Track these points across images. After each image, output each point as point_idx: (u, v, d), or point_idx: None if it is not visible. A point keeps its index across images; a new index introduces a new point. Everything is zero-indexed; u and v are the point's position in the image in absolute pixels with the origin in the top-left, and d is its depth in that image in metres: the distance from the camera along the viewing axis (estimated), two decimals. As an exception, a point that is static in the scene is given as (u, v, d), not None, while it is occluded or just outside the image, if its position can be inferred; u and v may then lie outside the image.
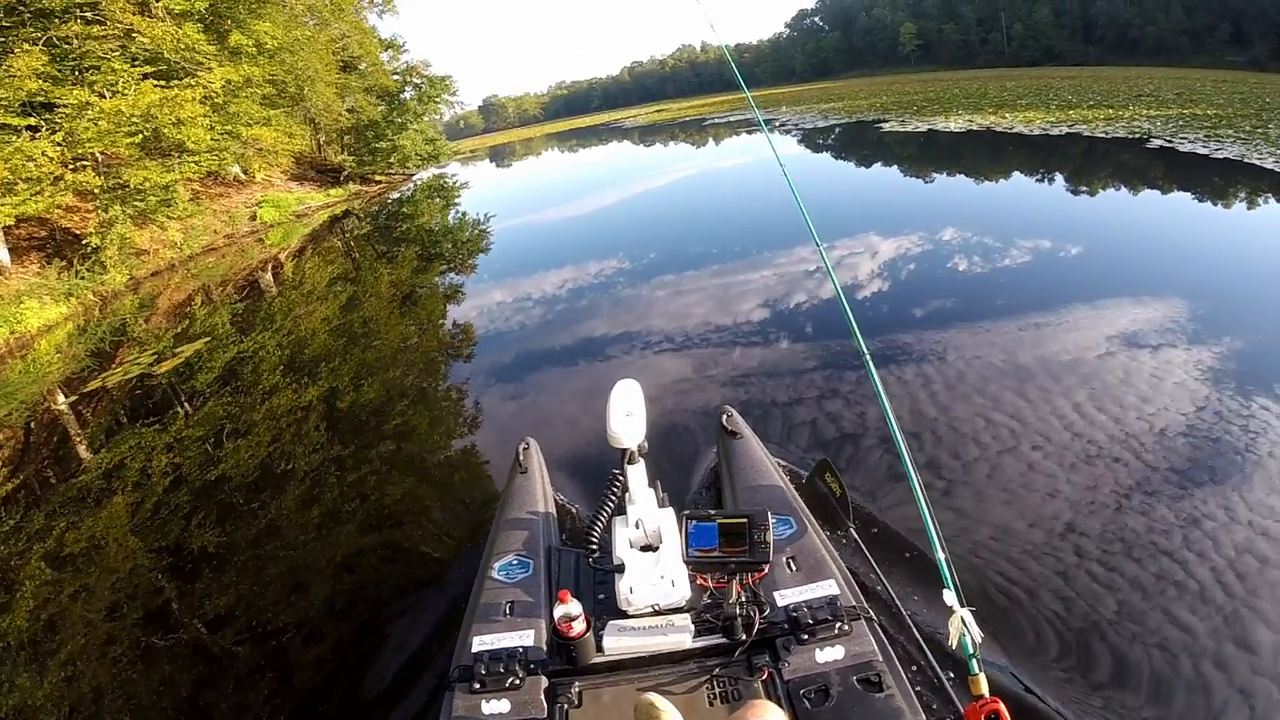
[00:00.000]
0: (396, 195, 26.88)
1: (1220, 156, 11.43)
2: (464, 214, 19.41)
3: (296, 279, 12.89)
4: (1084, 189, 11.04)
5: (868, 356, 2.52)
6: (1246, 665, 2.54)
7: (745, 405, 4.77)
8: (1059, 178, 12.00)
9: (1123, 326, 5.36)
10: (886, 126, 22.27)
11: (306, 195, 24.72)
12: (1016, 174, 12.77)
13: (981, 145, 16.83)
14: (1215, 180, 10.36)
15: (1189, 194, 9.91)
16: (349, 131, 30.66)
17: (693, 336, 6.55)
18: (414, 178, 32.14)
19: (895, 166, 15.86)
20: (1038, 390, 4.53)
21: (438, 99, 33.60)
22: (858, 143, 21.57)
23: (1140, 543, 3.14)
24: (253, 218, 20.67)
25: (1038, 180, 12.07)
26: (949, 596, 1.69)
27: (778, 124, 28.74)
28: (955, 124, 20.18)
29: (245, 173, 21.22)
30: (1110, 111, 18.78)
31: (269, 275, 13.94)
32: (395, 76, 31.75)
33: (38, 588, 4.17)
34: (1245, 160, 11.00)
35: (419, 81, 32.89)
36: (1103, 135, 14.89)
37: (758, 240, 10.10)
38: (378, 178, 30.75)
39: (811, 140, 23.15)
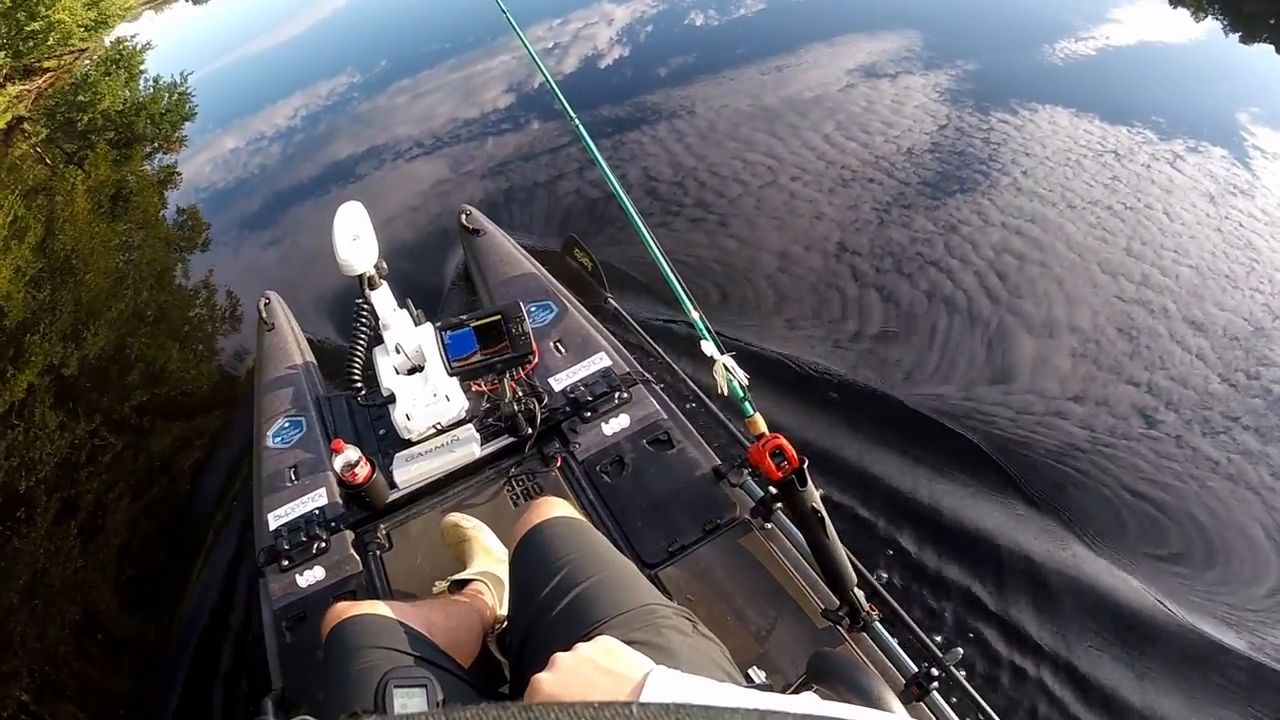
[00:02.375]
0: (73, 81, 20.69)
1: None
2: (156, 79, 15.37)
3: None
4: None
5: (576, 121, 2.37)
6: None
7: (486, 199, 4.39)
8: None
9: (861, 60, 5.22)
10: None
11: (-42, 125, 17.38)
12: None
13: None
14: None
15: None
16: (-4, 22, 22.65)
17: (442, 137, 5.64)
18: (91, 55, 25.18)
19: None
20: (787, 128, 4.39)
21: (90, -59, 25.46)
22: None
23: (908, 255, 3.18)
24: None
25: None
26: (708, 347, 1.68)
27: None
28: None
29: None
30: None
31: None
32: (31, -71, 23.44)
33: None
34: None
35: (62, -76, 24.56)
36: None
37: (493, 25, 8.70)
38: (46, 64, 23.60)
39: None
